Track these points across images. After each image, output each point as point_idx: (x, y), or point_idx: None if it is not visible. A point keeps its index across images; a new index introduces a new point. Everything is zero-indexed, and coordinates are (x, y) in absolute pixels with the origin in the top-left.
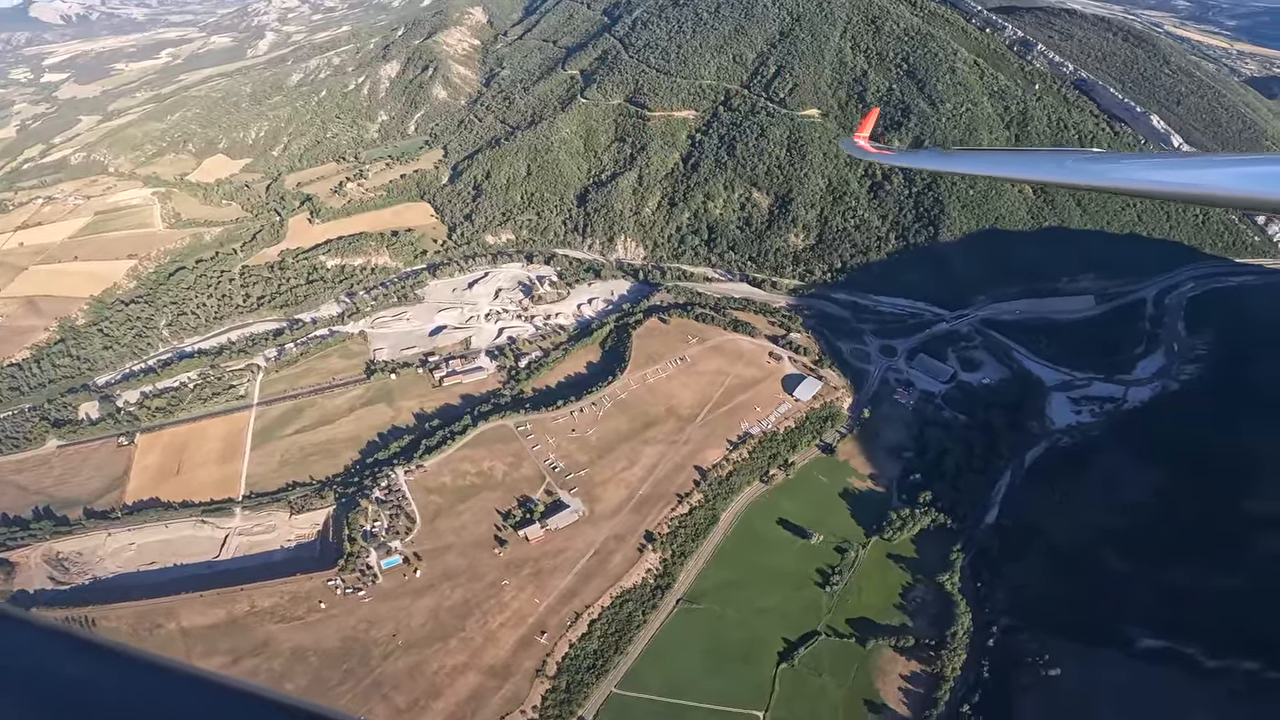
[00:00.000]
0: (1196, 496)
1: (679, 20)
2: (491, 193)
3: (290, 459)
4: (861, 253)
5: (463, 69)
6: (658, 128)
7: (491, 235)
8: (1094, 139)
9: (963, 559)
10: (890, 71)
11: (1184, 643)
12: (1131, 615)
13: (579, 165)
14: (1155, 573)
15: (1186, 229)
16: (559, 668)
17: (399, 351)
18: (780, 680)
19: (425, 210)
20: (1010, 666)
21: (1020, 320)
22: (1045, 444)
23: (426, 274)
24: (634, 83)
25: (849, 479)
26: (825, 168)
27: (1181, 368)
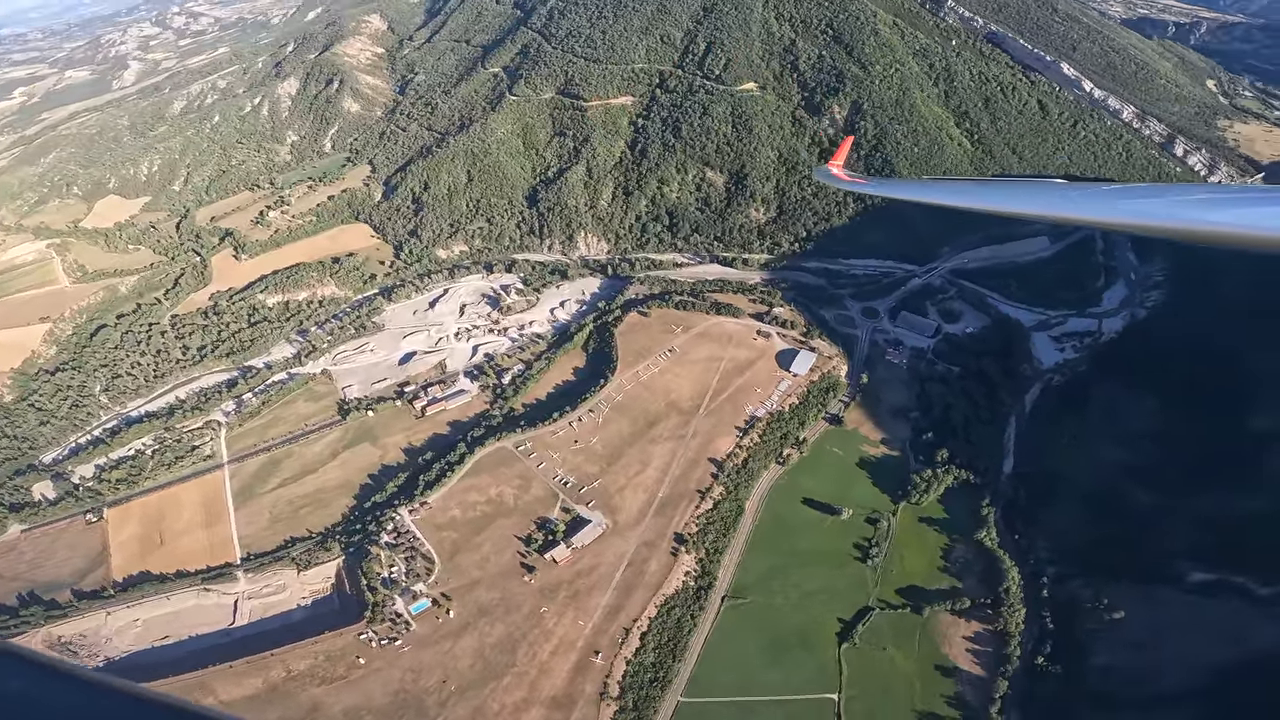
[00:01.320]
0: (1196, 419)
1: (598, 6)
2: (434, 204)
3: (281, 514)
4: (824, 219)
5: (371, 79)
6: (597, 117)
7: (442, 249)
8: (1014, 90)
9: (994, 513)
10: (817, 39)
11: (1233, 572)
12: (1173, 549)
13: (522, 165)
14: (1183, 503)
15: (1114, 167)
16: (621, 687)
17: (370, 386)
18: (846, 660)
19: (364, 231)
20: (1072, 615)
21: (986, 267)
22: (1040, 385)
23: (381, 299)
24: (563, 74)
25: (862, 447)
26: (773, 139)
27: (1144, 295)
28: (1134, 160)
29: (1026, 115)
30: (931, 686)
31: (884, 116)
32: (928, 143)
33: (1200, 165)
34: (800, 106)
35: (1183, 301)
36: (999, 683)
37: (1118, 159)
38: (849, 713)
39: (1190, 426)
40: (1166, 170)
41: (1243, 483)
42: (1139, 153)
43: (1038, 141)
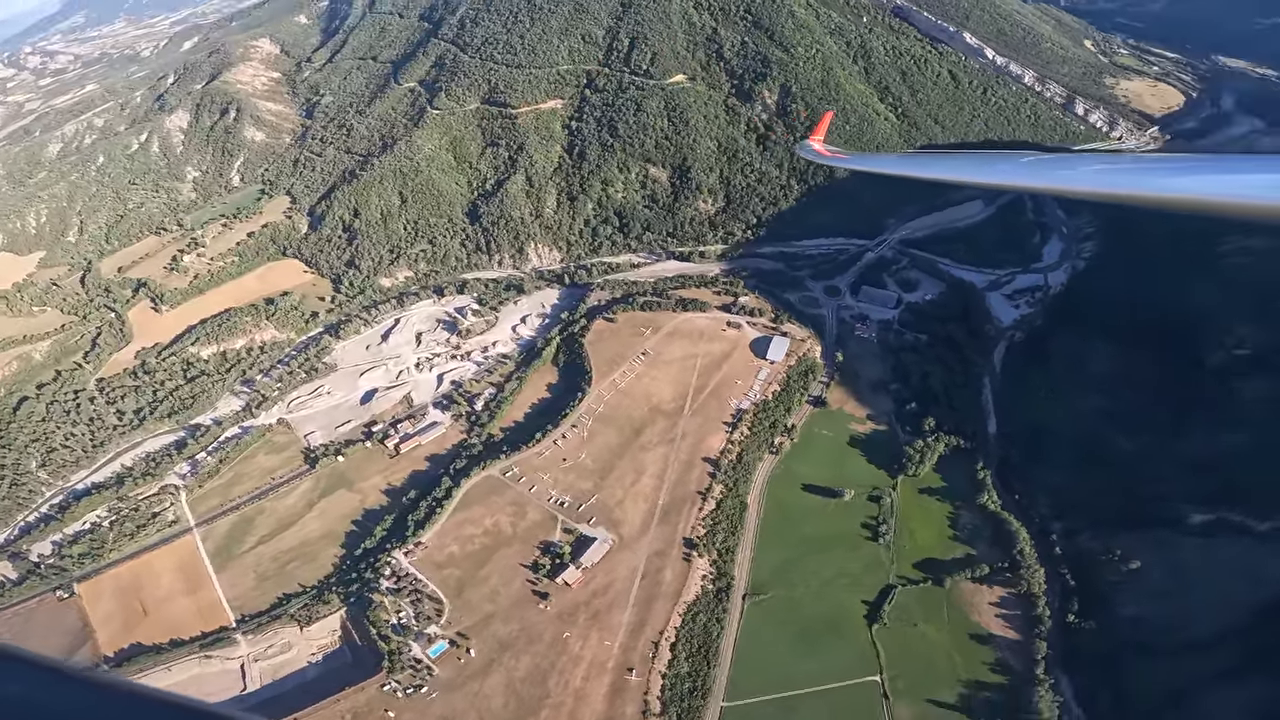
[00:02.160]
0: (1156, 360)
1: (512, 12)
2: (368, 231)
3: (267, 572)
4: (771, 204)
5: (273, 105)
6: (529, 124)
7: (386, 277)
8: (926, 62)
9: (989, 475)
10: (738, 25)
11: (1229, 510)
12: (1167, 492)
13: (457, 180)
14: (1164, 444)
15: (1025, 129)
16: (662, 702)
17: (334, 430)
18: (880, 641)
19: (295, 267)
20: (1089, 569)
21: (932, 234)
22: (1004, 343)
23: (328, 338)
24: (486, 83)
25: (850, 426)
26: (711, 130)
27: (1078, 247)
28: (1041, 122)
29: (941, 86)
30: (971, 656)
31: (813, 97)
32: (857, 120)
33: (1101, 122)
34: (731, 94)
35: (1115, 250)
36: (1037, 644)
37: (1027, 122)
38: (895, 692)
39: (1152, 369)
40: (1072, 129)
41: (1215, 419)
42: (1045, 114)
43: (955, 110)
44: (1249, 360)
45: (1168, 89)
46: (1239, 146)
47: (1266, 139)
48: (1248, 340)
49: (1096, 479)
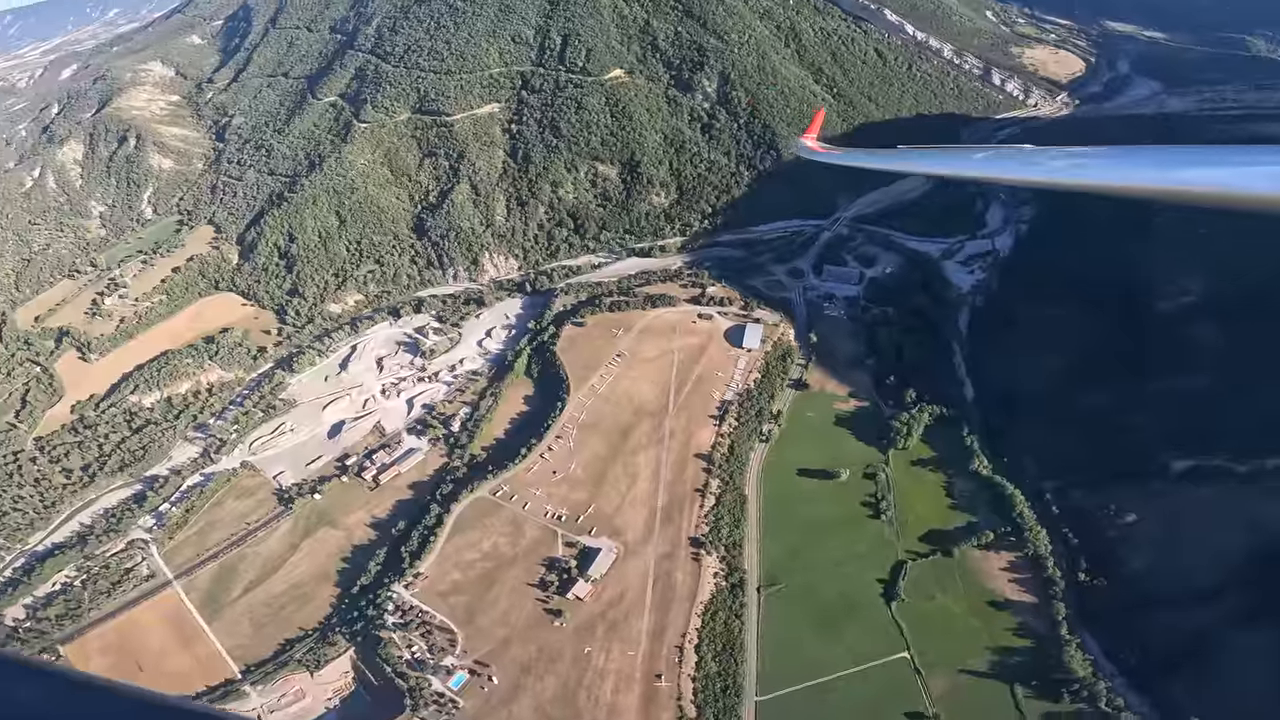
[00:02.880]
0: (1112, 314)
1: (433, 17)
2: (307, 256)
3: (263, 619)
4: (724, 192)
5: (177, 130)
6: (466, 130)
7: (334, 303)
8: (853, 41)
9: (975, 441)
10: (669, 15)
11: (1207, 455)
12: (1146, 442)
13: (397, 195)
14: (1133, 395)
15: (951, 101)
16: (696, 706)
17: (304, 468)
18: (901, 617)
19: (231, 301)
20: (1088, 526)
21: (882, 210)
22: (966, 309)
23: (281, 373)
24: (414, 91)
25: (834, 406)
26: (655, 123)
27: (1018, 211)
28: (965, 94)
29: (869, 64)
30: (992, 623)
31: (751, 83)
32: (797, 102)
33: (1017, 91)
34: (671, 85)
35: (1053, 212)
36: (1055, 605)
37: (951, 94)
38: (926, 666)
39: (1108, 322)
40: (993, 99)
41: (1174, 366)
42: (966, 86)
43: (885, 87)
44: (1195, 307)
45: (1068, 55)
46: (1151, 107)
47: (1175, 100)
48: (1191, 289)
49: (1076, 434)
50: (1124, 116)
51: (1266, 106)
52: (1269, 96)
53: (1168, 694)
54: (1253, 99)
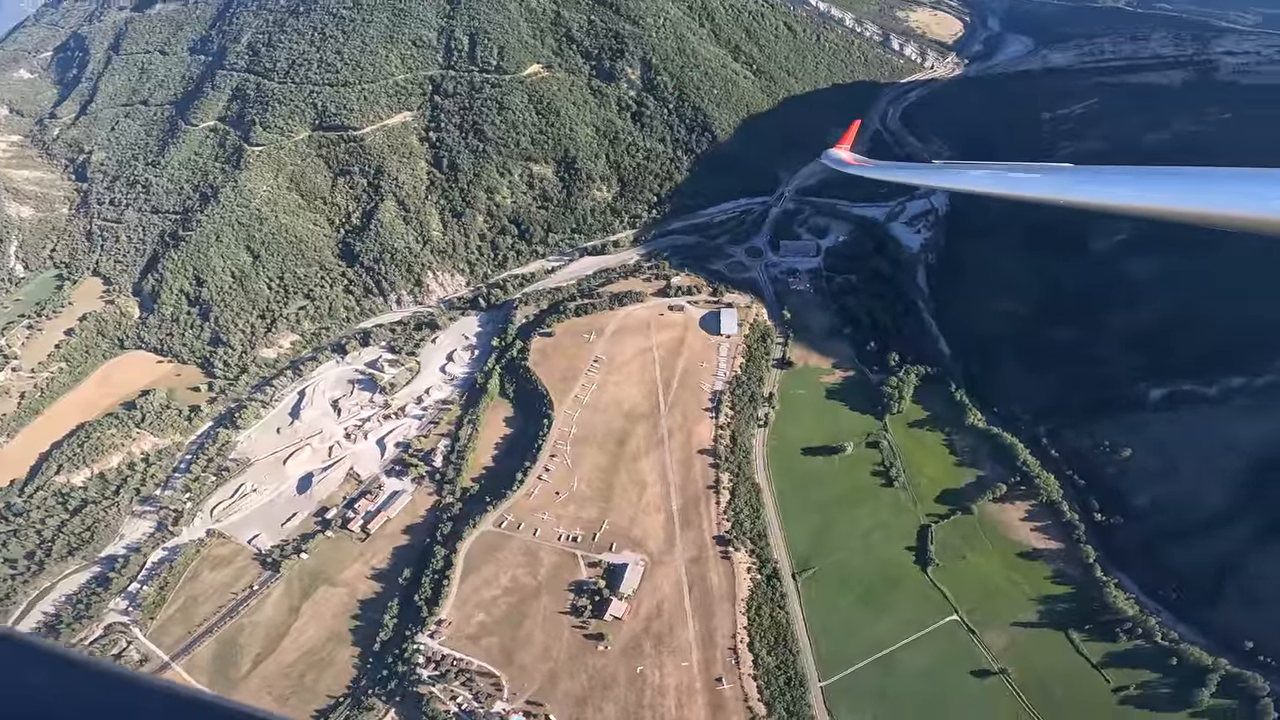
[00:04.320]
0: (1052, 257)
1: (316, 28)
2: (222, 299)
3: (284, 691)
4: (666, 179)
5: (28, 172)
6: (379, 143)
7: (267, 348)
8: (763, 16)
9: (963, 395)
10: (580, 5)
11: (1178, 381)
12: (1118, 375)
13: (314, 221)
14: (1093, 331)
15: (859, 68)
16: (764, 703)
17: (280, 528)
18: (939, 581)
19: (143, 360)
20: (1090, 465)
21: (821, 180)
22: (922, 267)
23: (223, 431)
24: (311, 107)
25: (821, 380)
26: (583, 116)
27: None
28: (870, 61)
29: (782, 38)
30: (1028, 574)
31: (674, 67)
32: (721, 83)
33: (915, 54)
34: (593, 76)
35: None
36: (1083, 549)
37: (859, 61)
38: (978, 625)
39: (1051, 265)
40: (895, 64)
41: (1121, 300)
42: (870, 53)
43: (799, 60)
44: (1128, 244)
45: (946, 16)
46: (1036, 63)
47: (1056, 55)
48: (1122, 226)
49: (1052, 376)
50: (1016, 74)
51: (1143, 57)
52: (1144, 47)
53: (1215, 622)
54: (1129, 50)
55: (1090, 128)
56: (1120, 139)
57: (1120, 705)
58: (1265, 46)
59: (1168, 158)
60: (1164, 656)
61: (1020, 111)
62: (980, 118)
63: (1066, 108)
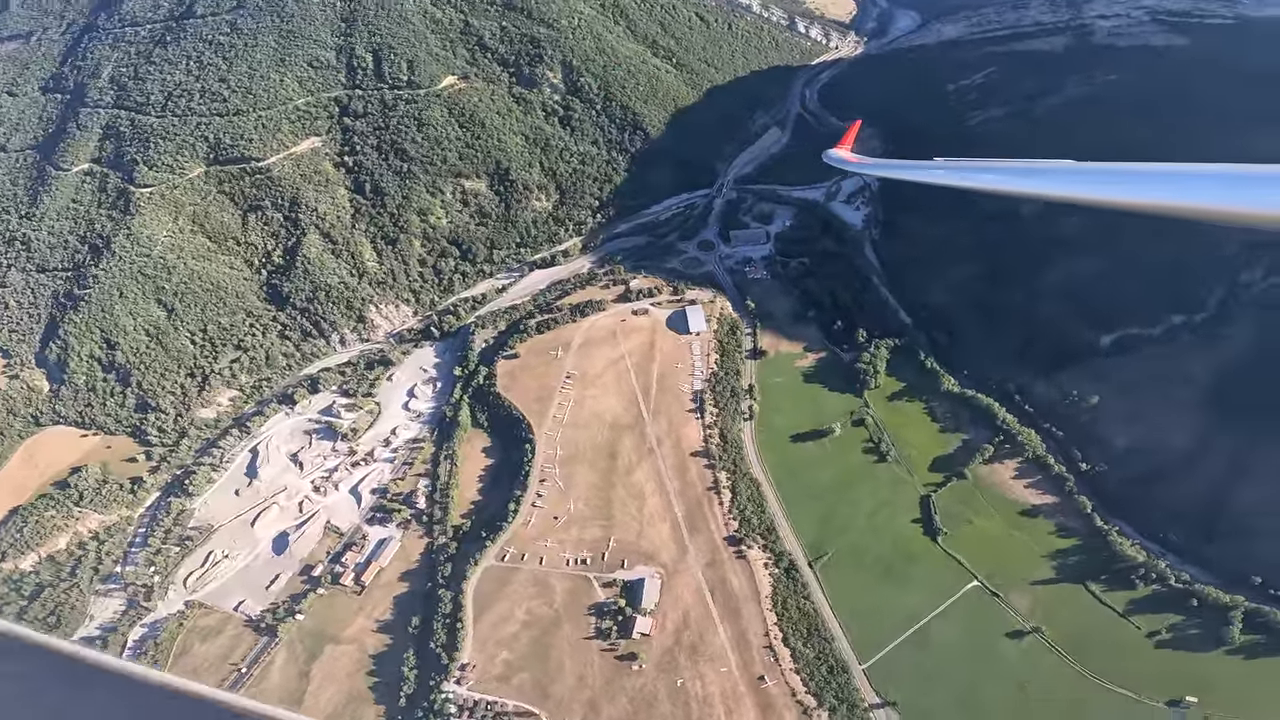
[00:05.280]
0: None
1: (189, 56)
2: (141, 361)
3: None
4: (605, 182)
5: None
6: (289, 173)
7: (203, 407)
8: (674, 9)
9: (933, 362)
10: (489, 12)
11: (1124, 326)
12: (1065, 324)
13: (230, 264)
14: (1034, 287)
15: (772, 53)
16: (813, 695)
17: (265, 592)
18: (952, 549)
19: (65, 436)
20: (1064, 416)
21: (756, 168)
22: (868, 243)
23: (175, 500)
24: (201, 140)
25: (795, 365)
26: (510, 126)
27: (869, 146)
28: (781, 45)
29: (696, 29)
30: (1033, 531)
31: (596, 67)
32: (645, 79)
33: (820, 36)
34: (514, 84)
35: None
36: (1078, 500)
37: (770, 46)
38: (1000, 588)
39: (985, 229)
40: (804, 47)
41: (1057, 255)
42: (780, 37)
43: (716, 50)
44: (1056, 204)
45: None
46: (932, 37)
47: (949, 27)
48: None
49: (1009, 335)
50: (914, 48)
51: (1025, 25)
52: (1025, 15)
53: (1218, 559)
54: (1013, 19)
55: (992, 96)
56: (1022, 105)
57: (1157, 650)
58: (1133, 9)
59: (1067, 120)
60: (1184, 598)
61: (926, 84)
62: (891, 93)
63: (967, 78)
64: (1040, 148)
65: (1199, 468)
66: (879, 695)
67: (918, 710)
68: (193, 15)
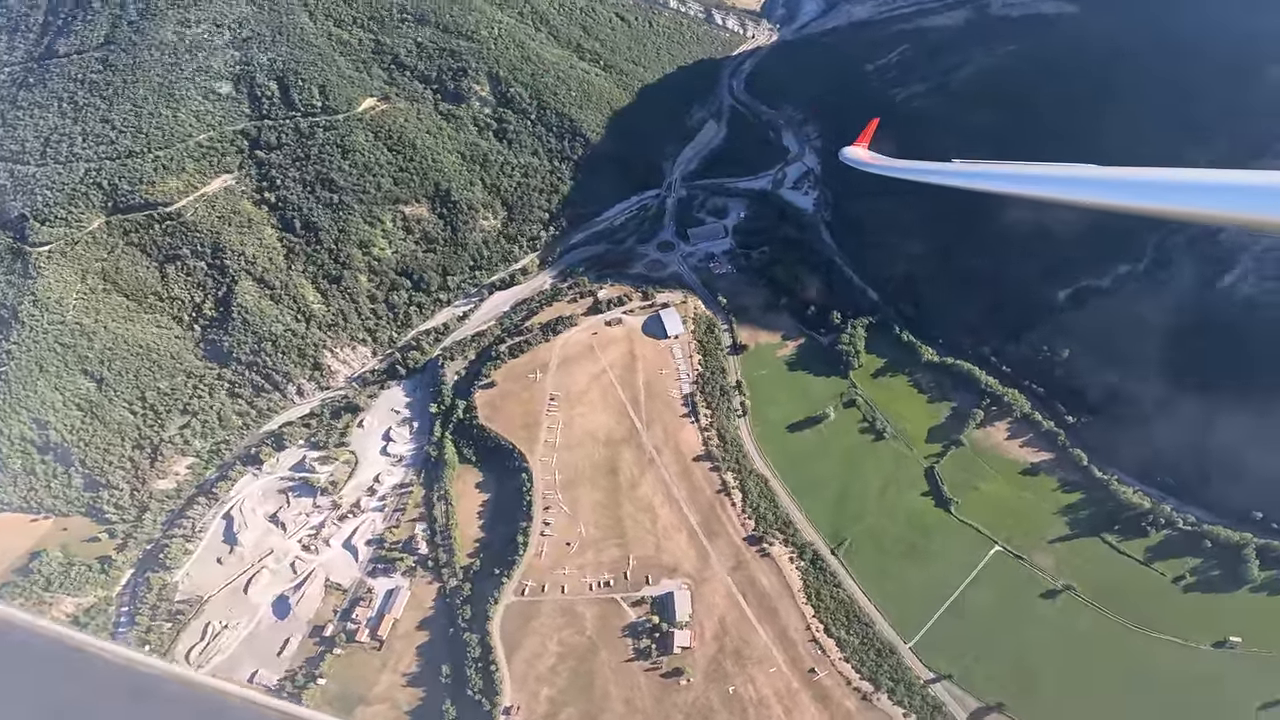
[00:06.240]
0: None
1: (61, 97)
2: (81, 439)
3: None
4: (553, 192)
5: None
6: (206, 216)
7: (160, 478)
8: (593, 11)
9: (909, 335)
10: (401, 29)
11: (1074, 279)
12: (1027, 284)
13: (156, 322)
14: (991, 247)
15: (696, 47)
16: (867, 678)
17: (278, 658)
18: (966, 517)
19: (15, 521)
20: (1041, 372)
21: (702, 163)
22: (823, 226)
23: (154, 575)
24: (96, 188)
25: (776, 355)
26: (443, 145)
27: (805, 131)
28: (702, 38)
29: (618, 29)
30: (1037, 489)
31: (524, 76)
32: (576, 84)
33: (737, 26)
34: (440, 100)
35: (833, 126)
36: (1073, 453)
37: (692, 40)
38: (1019, 549)
39: (935, 202)
40: (724, 38)
41: (1005, 218)
42: (701, 31)
43: (641, 48)
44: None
45: None
46: (843, 19)
47: (859, 9)
48: (989, 155)
49: (972, 300)
50: (828, 31)
51: (928, 2)
52: None
53: (1216, 498)
54: None
55: (910, 74)
56: (939, 79)
57: (1186, 594)
58: None
59: (980, 90)
60: (1196, 540)
61: (845, 66)
62: (815, 77)
63: (883, 57)
64: (961, 119)
65: (1174, 409)
66: (931, 670)
67: (974, 680)
68: (54, 55)
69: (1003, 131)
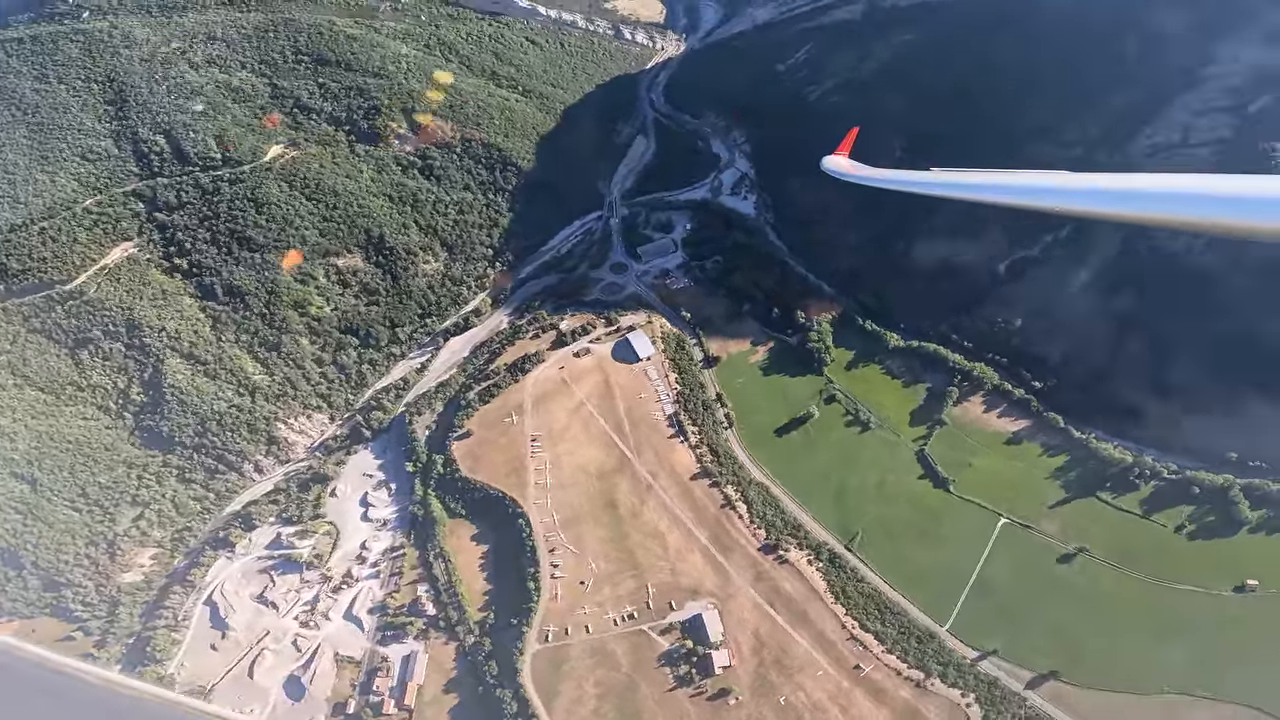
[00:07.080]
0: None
1: None
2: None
3: None
4: (493, 226)
5: None
6: (112, 292)
7: (124, 573)
8: (504, 38)
9: (872, 324)
10: (298, 70)
11: (1011, 253)
12: (969, 261)
13: (83, 415)
14: (934, 228)
15: (610, 64)
16: (915, 666)
17: None
18: (967, 494)
19: None
20: (1001, 343)
21: (637, 180)
22: (769, 228)
23: (148, 669)
24: None
25: (750, 362)
26: (366, 188)
27: (736, 139)
28: (615, 55)
29: (531, 54)
30: (1025, 456)
31: (444, 108)
32: (498, 112)
33: (646, 40)
34: (355, 141)
35: (759, 132)
36: (1049, 416)
37: (606, 58)
38: (1025, 519)
39: (865, 192)
40: (635, 53)
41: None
42: (612, 48)
43: (557, 71)
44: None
45: None
46: (747, 24)
47: (762, 12)
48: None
49: (920, 282)
50: (735, 36)
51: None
52: None
53: (1190, 443)
54: None
55: (820, 71)
56: (846, 75)
57: (1191, 542)
58: None
59: (885, 82)
60: (1185, 488)
61: (757, 69)
62: (729, 82)
63: (791, 57)
64: (877, 111)
65: (1127, 362)
66: (975, 649)
67: (1020, 651)
68: None
69: (915, 119)
